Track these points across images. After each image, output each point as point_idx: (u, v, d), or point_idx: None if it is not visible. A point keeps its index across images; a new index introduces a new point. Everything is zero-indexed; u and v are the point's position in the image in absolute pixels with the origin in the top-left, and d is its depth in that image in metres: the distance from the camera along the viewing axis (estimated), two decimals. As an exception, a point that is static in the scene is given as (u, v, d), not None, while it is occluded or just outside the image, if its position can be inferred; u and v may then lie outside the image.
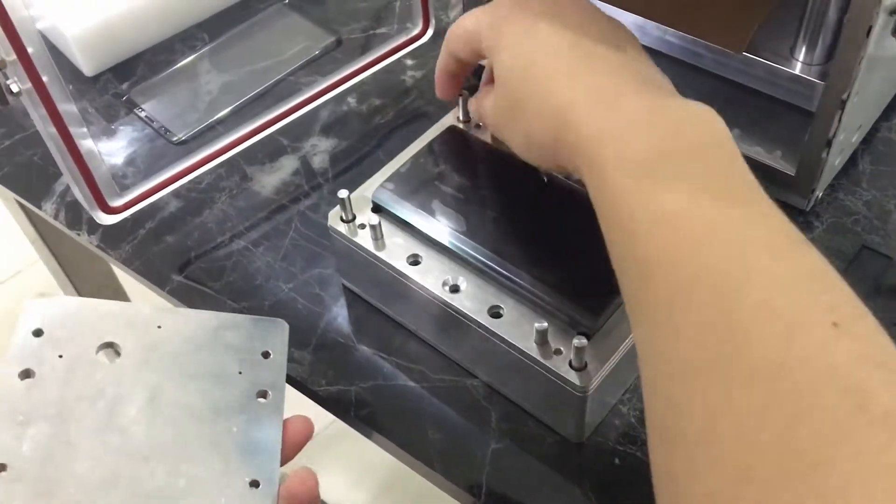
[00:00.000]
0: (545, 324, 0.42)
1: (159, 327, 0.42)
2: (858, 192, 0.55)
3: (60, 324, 0.40)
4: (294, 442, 0.41)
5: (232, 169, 0.61)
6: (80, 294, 0.98)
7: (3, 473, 0.36)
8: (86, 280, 0.97)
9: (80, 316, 0.41)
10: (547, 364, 0.42)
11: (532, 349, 0.43)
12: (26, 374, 0.38)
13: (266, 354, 0.43)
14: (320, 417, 0.50)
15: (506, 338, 0.43)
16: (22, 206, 0.72)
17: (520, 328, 0.44)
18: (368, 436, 0.48)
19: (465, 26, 0.44)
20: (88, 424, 0.38)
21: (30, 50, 0.43)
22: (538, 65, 0.39)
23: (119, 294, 1.03)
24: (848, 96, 0.45)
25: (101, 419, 0.38)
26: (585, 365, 0.42)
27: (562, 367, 0.42)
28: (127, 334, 0.41)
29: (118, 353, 0.41)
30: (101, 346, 0.41)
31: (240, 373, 0.42)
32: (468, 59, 0.45)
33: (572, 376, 0.42)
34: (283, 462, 0.40)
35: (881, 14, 0.41)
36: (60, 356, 0.39)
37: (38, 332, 0.40)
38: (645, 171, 0.33)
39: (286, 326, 0.45)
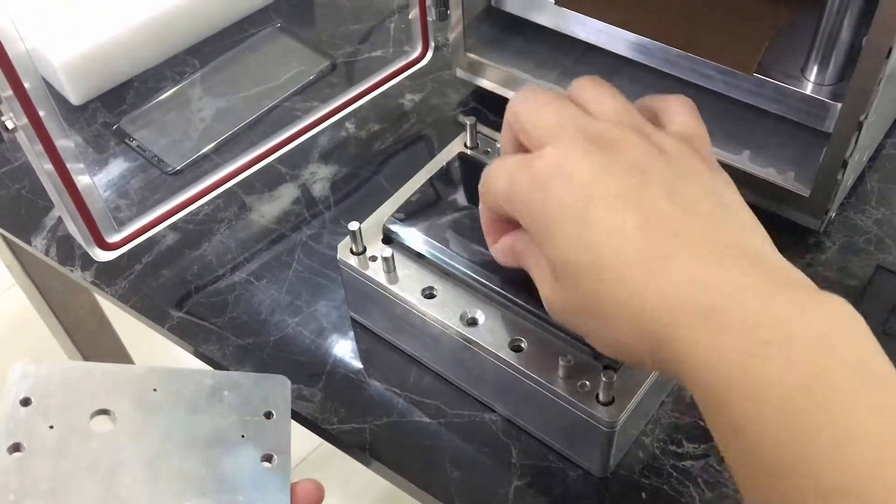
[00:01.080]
0: (571, 359, 0.41)
1: (155, 390, 0.39)
2: (868, 210, 0.55)
3: (50, 391, 0.37)
4: None
5: (230, 199, 0.59)
6: (62, 325, 0.96)
7: None
8: (68, 310, 0.94)
9: (70, 381, 0.38)
10: (573, 399, 0.41)
11: (557, 383, 0.41)
12: (15, 448, 0.35)
13: (269, 414, 0.41)
14: (311, 436, 0.49)
15: (529, 372, 0.42)
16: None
17: (541, 361, 0.42)
18: (384, 475, 0.47)
19: (497, 189, 0.36)
20: (84, 500, 0.35)
21: (27, 85, 0.42)
22: (606, 265, 0.31)
23: (104, 324, 1.00)
24: (866, 117, 0.45)
25: (97, 494, 0.35)
26: (613, 399, 0.41)
27: (588, 401, 0.41)
28: (121, 399, 0.38)
29: (113, 421, 0.38)
30: (94, 413, 0.38)
31: (242, 436, 0.39)
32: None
33: (600, 411, 0.40)
34: None
35: (902, 35, 0.41)
36: (51, 427, 0.36)
37: (25, 402, 0.37)
38: (788, 412, 0.26)
39: (288, 383, 0.43)
